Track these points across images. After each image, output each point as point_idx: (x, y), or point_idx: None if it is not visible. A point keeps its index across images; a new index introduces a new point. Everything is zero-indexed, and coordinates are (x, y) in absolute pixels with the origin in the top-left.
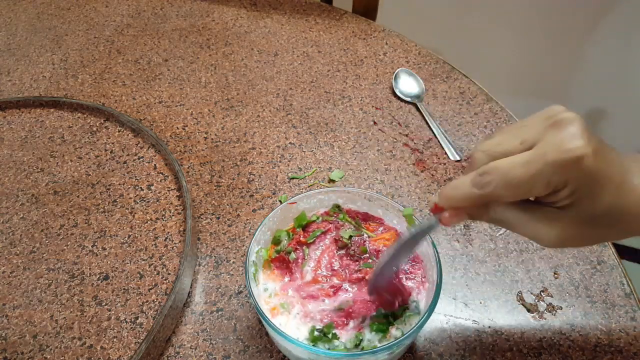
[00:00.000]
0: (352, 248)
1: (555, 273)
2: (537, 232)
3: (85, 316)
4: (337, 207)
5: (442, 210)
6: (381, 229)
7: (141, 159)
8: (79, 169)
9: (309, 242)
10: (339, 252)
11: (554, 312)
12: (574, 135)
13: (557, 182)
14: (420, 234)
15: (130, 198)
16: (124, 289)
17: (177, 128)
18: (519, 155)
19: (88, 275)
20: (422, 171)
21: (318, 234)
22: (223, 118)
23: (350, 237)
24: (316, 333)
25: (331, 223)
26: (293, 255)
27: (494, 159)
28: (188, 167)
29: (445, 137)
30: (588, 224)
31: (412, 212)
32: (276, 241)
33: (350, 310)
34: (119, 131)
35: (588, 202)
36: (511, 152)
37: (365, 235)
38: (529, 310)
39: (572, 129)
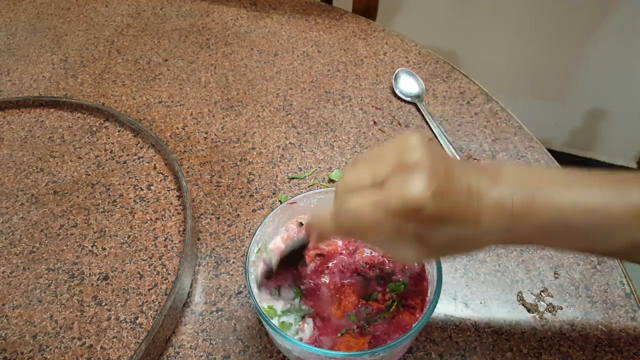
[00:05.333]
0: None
1: (555, 273)
2: (393, 254)
3: (85, 316)
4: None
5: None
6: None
7: (141, 159)
8: (79, 169)
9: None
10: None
11: (554, 312)
12: (416, 182)
13: (400, 225)
14: (296, 249)
15: (130, 198)
16: (123, 289)
17: (177, 128)
18: (369, 195)
19: (88, 275)
20: None
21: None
22: (223, 118)
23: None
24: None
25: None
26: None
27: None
28: (188, 167)
29: (445, 137)
30: (437, 248)
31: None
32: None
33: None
34: (119, 131)
35: (433, 236)
36: (365, 189)
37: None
38: (529, 310)
39: (415, 175)
